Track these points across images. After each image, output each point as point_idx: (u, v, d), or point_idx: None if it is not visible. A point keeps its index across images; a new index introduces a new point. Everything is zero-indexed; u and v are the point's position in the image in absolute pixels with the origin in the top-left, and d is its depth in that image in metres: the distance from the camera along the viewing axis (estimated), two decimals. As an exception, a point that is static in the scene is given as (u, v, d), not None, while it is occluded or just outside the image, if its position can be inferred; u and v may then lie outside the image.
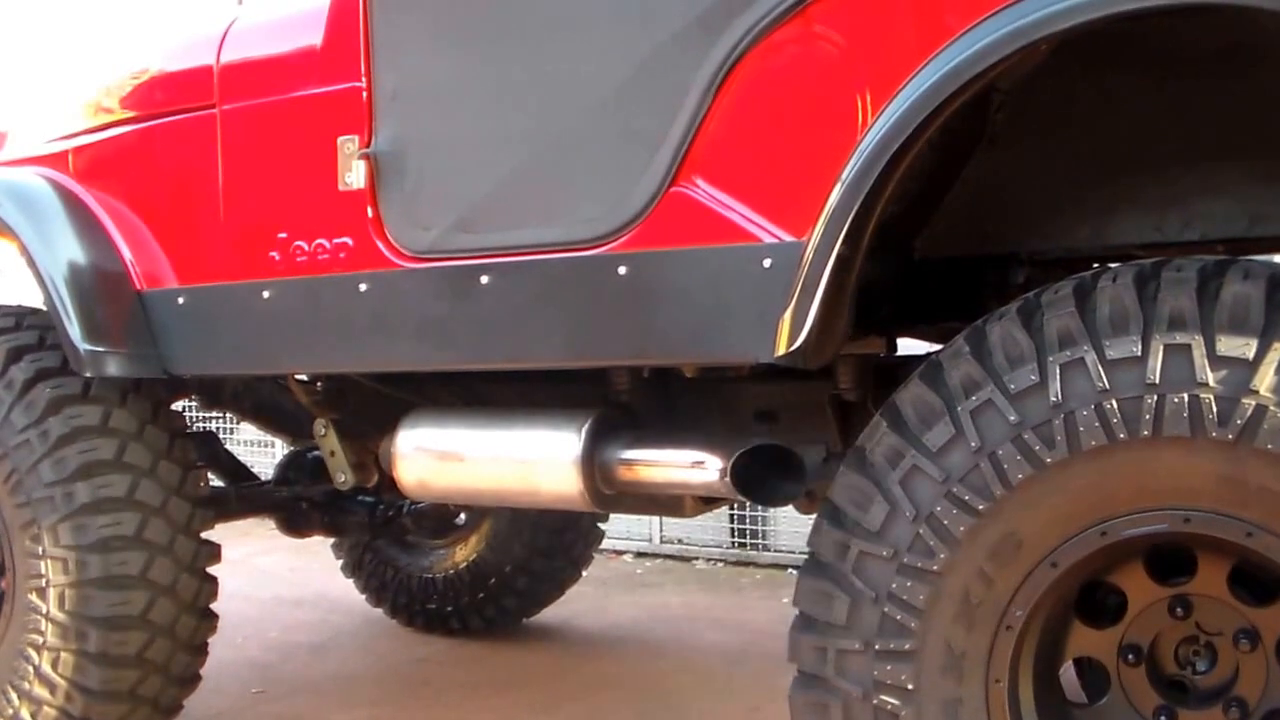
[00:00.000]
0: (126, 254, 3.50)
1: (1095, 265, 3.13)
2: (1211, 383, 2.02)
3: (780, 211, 2.48)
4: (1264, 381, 1.99)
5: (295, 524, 4.38)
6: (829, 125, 2.41)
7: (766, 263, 2.47)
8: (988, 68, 2.19)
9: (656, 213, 2.63)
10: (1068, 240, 2.79)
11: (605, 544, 5.73)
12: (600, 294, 2.70)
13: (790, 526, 6.48)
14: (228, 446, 4.50)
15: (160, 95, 3.55)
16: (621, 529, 6.83)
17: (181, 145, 3.45)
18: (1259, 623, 2.20)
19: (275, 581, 6.41)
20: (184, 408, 4.34)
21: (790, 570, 6.31)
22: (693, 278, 2.58)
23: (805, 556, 2.43)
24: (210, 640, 3.77)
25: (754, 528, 6.74)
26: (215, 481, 4.20)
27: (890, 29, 2.35)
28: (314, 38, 3.17)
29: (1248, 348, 2.01)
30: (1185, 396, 2.03)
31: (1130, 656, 2.30)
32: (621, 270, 2.66)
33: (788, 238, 2.45)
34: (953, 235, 2.82)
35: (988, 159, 2.72)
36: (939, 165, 2.56)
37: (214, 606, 3.75)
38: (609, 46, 2.68)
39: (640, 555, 7.04)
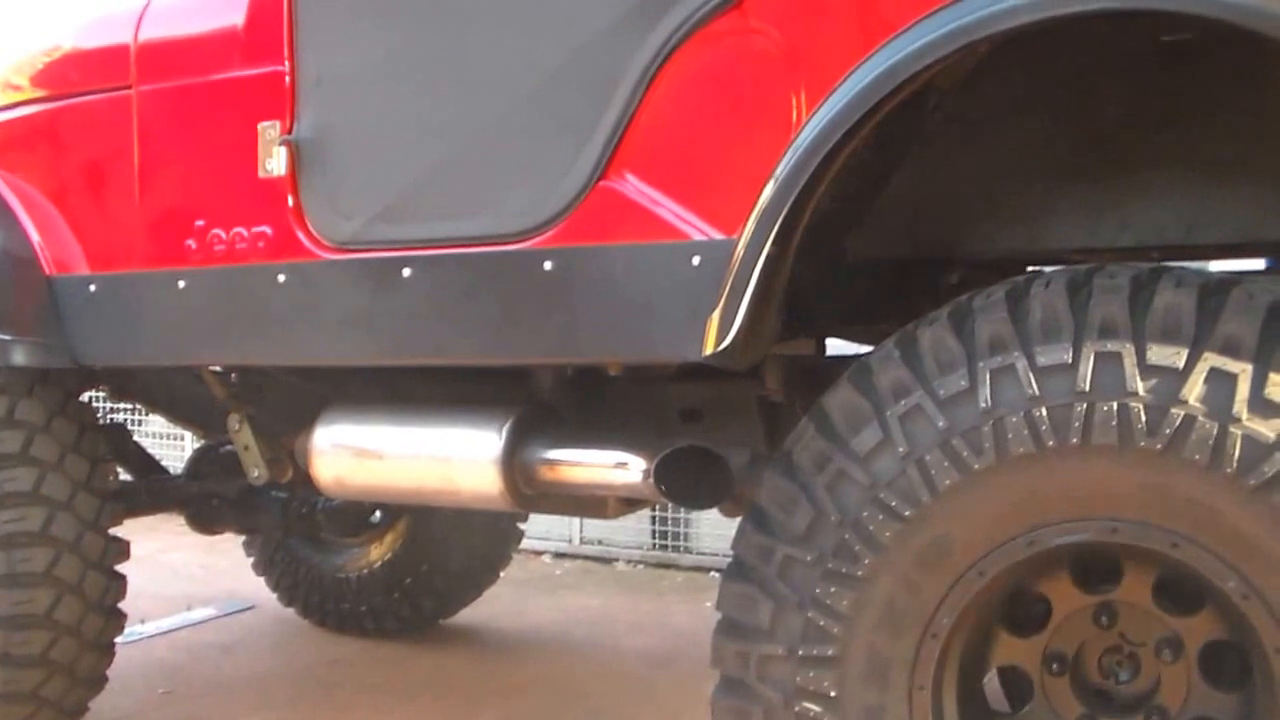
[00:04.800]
0: (35, 238, 3.39)
1: (1029, 268, 3.13)
2: (1141, 392, 2.01)
3: (711, 209, 2.44)
4: (1193, 391, 1.98)
5: (205, 520, 4.27)
6: (762, 122, 2.38)
7: (695, 260, 2.44)
8: (925, 67, 2.17)
9: (584, 207, 2.59)
10: (1002, 243, 2.79)
11: (524, 544, 5.66)
12: (525, 290, 2.65)
13: (712, 529, 6.45)
14: (136, 439, 4.38)
15: (74, 73, 3.45)
16: (541, 529, 6.76)
17: (95, 126, 3.35)
18: (1182, 632, 2.21)
19: (183, 579, 6.27)
20: (91, 398, 4.21)
21: (712, 573, 6.29)
22: (620, 275, 2.54)
23: (727, 559, 2.40)
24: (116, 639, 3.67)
25: (675, 529, 6.70)
26: (124, 475, 4.09)
27: (828, 25, 2.33)
28: (236, 19, 3.09)
29: (1178, 357, 2.00)
30: (1115, 405, 2.02)
31: (1054, 665, 2.29)
32: (547, 265, 2.61)
33: (718, 235, 2.42)
34: (886, 236, 2.80)
35: (923, 159, 2.70)
36: (873, 164, 2.53)
37: (120, 605, 3.65)
38: (539, 35, 2.64)
39: (560, 556, 6.97)
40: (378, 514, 5.08)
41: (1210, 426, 1.97)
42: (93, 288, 3.31)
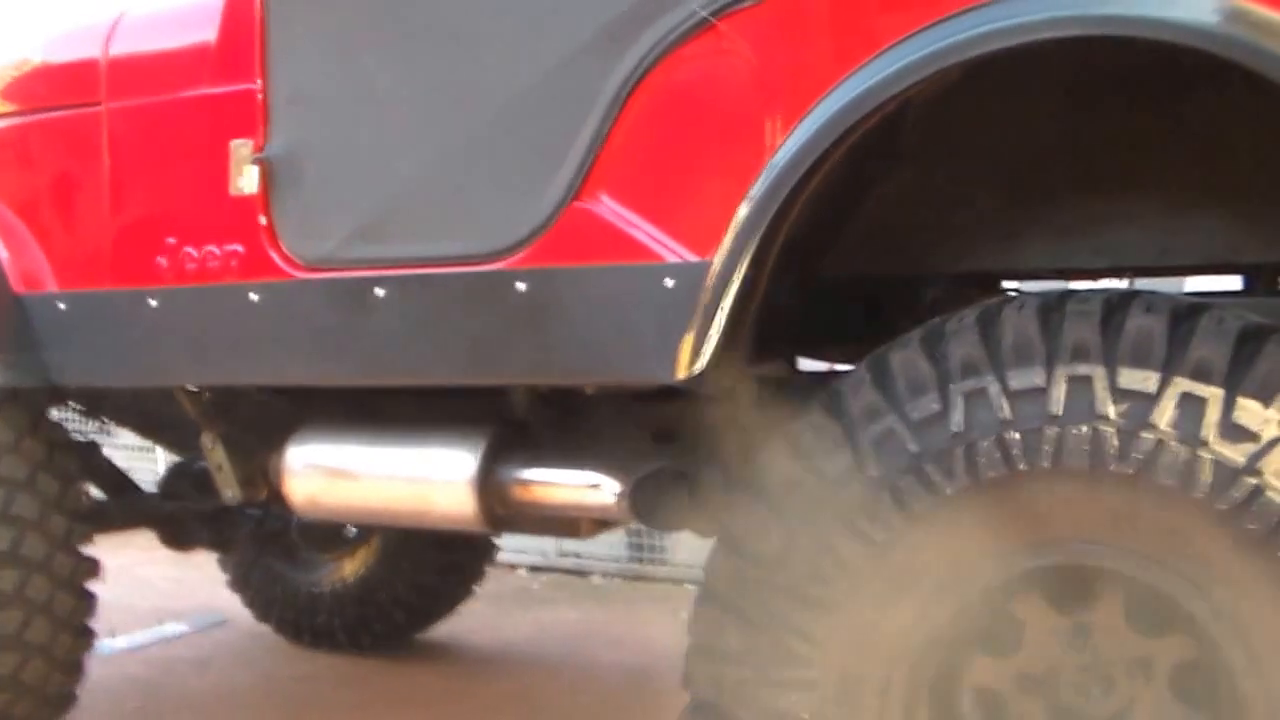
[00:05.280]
0: (2, 254, 3.36)
1: (1005, 284, 3.15)
2: (1112, 416, 2.02)
3: (685, 230, 2.44)
4: (1164, 416, 1.99)
5: (179, 538, 4.24)
6: (737, 144, 2.38)
7: (669, 282, 2.43)
8: (900, 91, 2.18)
9: (558, 228, 2.58)
10: (977, 263, 2.79)
11: (500, 557, 5.66)
12: (498, 311, 2.64)
13: (688, 540, 6.41)
14: (107, 451, 4.35)
15: (42, 89, 3.43)
16: (517, 542, 6.69)
17: (64, 142, 3.33)
18: (1154, 653, 2.21)
19: (155, 593, 6.22)
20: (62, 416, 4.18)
21: (688, 585, 6.26)
22: (593, 296, 2.53)
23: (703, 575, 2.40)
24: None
25: (651, 542, 6.68)
26: (95, 492, 4.06)
27: (803, 47, 2.33)
28: (208, 35, 3.07)
29: (1149, 381, 2.01)
30: (1086, 429, 2.03)
31: (1026, 686, 2.29)
32: (520, 286, 2.60)
33: (692, 257, 2.42)
34: (861, 254, 2.80)
35: (899, 178, 2.71)
36: (849, 184, 2.53)
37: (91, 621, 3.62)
38: (513, 56, 2.63)
39: (536, 569, 6.94)
40: (351, 529, 5.04)
41: (1181, 451, 1.98)
42: (62, 306, 3.28)
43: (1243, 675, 2.02)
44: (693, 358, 2.39)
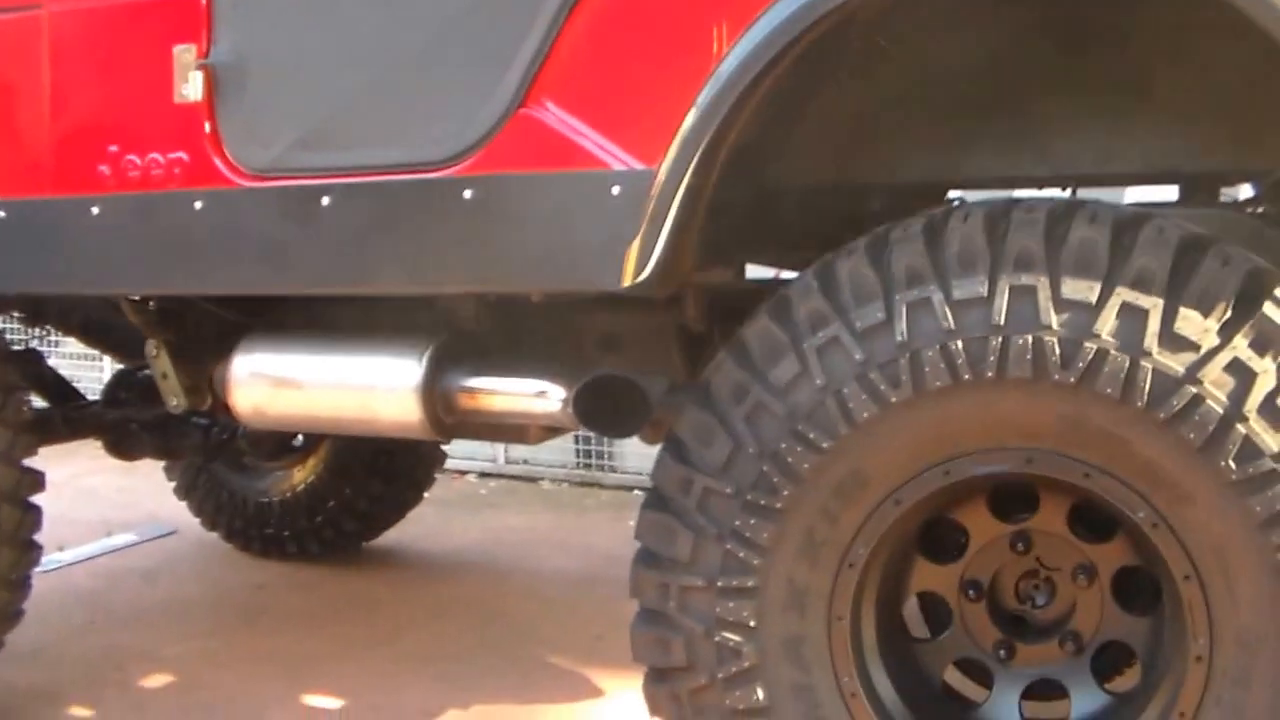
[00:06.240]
0: (-59, 162, 3.29)
1: (950, 194, 3.16)
2: (1055, 325, 2.04)
3: (631, 138, 2.43)
4: (1106, 325, 2.02)
5: (124, 447, 4.19)
6: (684, 51, 2.36)
7: (615, 190, 2.42)
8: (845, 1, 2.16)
9: (504, 135, 2.56)
10: (922, 172, 2.80)
11: (448, 464, 5.67)
12: (445, 218, 2.62)
13: (636, 448, 6.46)
14: (52, 361, 4.29)
15: (-22, -9, 3.33)
16: (466, 449, 6.74)
17: (3, 47, 3.24)
18: (1095, 559, 2.27)
19: (102, 503, 6.19)
20: (3, 325, 4.13)
21: (636, 491, 6.32)
22: (540, 204, 2.52)
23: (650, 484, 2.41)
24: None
25: (600, 448, 6.74)
26: (39, 402, 4.02)
27: (749, -46, 2.30)
28: (151, -64, 2.99)
29: (1092, 291, 2.03)
30: (1029, 338, 2.05)
31: (971, 592, 2.34)
32: (467, 194, 2.58)
33: (638, 165, 2.41)
34: (808, 163, 2.79)
35: (845, 88, 2.69)
36: (795, 92, 2.52)
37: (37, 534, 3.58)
38: None
39: (484, 475, 6.99)
40: (299, 437, 5.03)
41: (1122, 360, 2.00)
42: (1, 214, 3.22)
43: (1183, 581, 2.06)
44: (639, 265, 2.39)
